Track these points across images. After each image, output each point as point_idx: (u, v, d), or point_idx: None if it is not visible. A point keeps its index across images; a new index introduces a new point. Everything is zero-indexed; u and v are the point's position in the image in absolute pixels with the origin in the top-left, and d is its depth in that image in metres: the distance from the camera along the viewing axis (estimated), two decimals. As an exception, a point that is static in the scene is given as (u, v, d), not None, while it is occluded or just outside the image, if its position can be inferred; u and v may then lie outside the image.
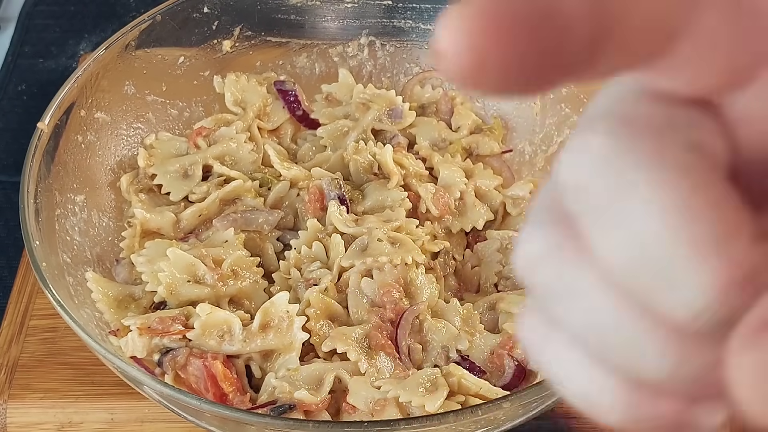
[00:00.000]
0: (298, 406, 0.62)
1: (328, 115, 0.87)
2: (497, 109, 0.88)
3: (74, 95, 0.74)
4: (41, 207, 0.68)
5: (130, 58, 0.80)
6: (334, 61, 0.90)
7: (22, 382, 0.74)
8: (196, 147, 0.81)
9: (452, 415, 0.55)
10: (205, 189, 0.77)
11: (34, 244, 0.64)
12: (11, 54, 1.07)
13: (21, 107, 1.02)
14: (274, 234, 0.76)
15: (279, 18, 0.87)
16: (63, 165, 0.73)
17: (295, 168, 0.80)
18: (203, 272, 0.69)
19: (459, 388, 0.64)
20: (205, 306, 0.66)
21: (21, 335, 0.77)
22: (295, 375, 0.64)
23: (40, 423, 0.72)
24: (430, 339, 0.68)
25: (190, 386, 0.65)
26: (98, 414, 0.72)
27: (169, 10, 0.81)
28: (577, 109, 0.82)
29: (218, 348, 0.65)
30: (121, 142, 0.80)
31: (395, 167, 0.78)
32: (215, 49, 0.86)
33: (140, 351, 0.65)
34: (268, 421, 0.57)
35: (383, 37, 0.89)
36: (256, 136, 0.84)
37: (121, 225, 0.77)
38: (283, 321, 0.67)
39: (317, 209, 0.76)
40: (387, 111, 0.85)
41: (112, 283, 0.71)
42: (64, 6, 1.13)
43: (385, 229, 0.72)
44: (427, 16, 0.87)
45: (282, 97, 0.87)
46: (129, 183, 0.79)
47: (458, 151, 0.84)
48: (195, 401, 0.55)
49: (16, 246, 0.87)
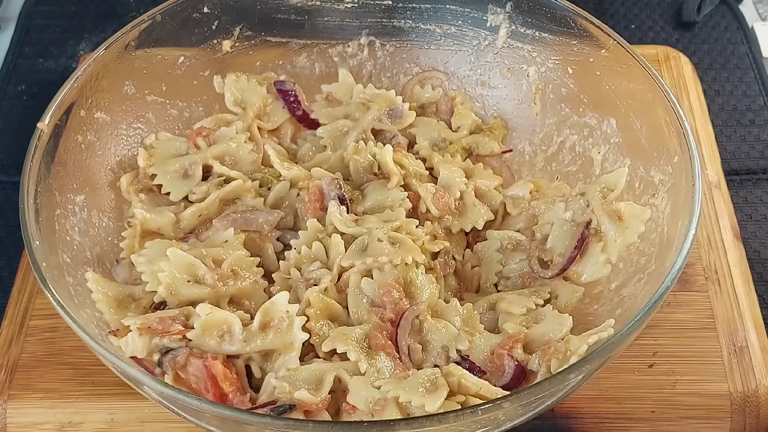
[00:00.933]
0: (298, 406, 0.62)
1: (328, 115, 0.87)
2: (497, 109, 0.88)
3: (74, 95, 0.74)
4: (41, 207, 0.68)
5: (130, 58, 0.80)
6: (334, 61, 0.90)
7: (22, 382, 0.74)
8: (196, 147, 0.81)
9: (452, 415, 0.55)
10: (205, 189, 0.77)
11: (34, 244, 0.64)
12: (11, 54, 1.07)
13: (21, 107, 1.02)
14: (274, 234, 0.76)
15: (279, 18, 0.87)
16: (63, 165, 0.73)
17: (295, 168, 0.80)
18: (203, 272, 0.69)
19: (459, 388, 0.64)
20: (205, 306, 0.66)
21: (21, 335, 0.77)
22: (295, 375, 0.64)
23: (40, 423, 0.72)
24: (430, 339, 0.68)
25: (190, 386, 0.65)
26: (98, 414, 0.72)
27: (169, 10, 0.81)
28: (577, 109, 0.82)
29: (218, 348, 0.65)
30: (121, 142, 0.80)
31: (395, 167, 0.78)
32: (215, 49, 0.86)
33: (140, 351, 0.65)
34: (268, 421, 0.57)
35: (383, 37, 0.89)
36: (256, 136, 0.84)
37: (121, 225, 0.77)
38: (283, 321, 0.67)
39: (317, 209, 0.76)
40: (387, 111, 0.85)
41: (112, 283, 0.71)
42: (64, 6, 1.13)
43: (385, 229, 0.72)
44: (427, 16, 0.87)
45: (282, 97, 0.87)
46: (129, 183, 0.79)
47: (458, 151, 0.84)
48: (195, 401, 0.55)
49: (16, 246, 0.87)
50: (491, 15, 0.85)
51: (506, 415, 0.58)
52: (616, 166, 0.78)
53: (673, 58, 1.01)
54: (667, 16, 1.16)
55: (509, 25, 0.84)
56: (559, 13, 0.80)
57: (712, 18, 1.14)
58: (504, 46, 0.86)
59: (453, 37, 0.88)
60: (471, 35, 0.87)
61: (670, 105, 0.71)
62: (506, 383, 0.66)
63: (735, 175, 0.97)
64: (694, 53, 1.09)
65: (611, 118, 0.79)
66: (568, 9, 0.79)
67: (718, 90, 1.06)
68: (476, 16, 0.86)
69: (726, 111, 1.04)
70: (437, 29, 0.88)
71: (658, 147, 0.73)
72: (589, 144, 0.81)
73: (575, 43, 0.80)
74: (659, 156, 0.73)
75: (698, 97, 0.98)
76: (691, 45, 1.11)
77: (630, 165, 0.76)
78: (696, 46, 1.11)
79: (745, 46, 1.10)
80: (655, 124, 0.73)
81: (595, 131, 0.81)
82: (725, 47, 1.11)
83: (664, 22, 1.15)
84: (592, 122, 0.81)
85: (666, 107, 0.72)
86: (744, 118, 1.03)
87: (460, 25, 0.87)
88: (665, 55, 1.01)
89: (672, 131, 0.71)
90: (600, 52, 0.78)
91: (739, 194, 0.95)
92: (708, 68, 1.08)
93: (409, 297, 0.69)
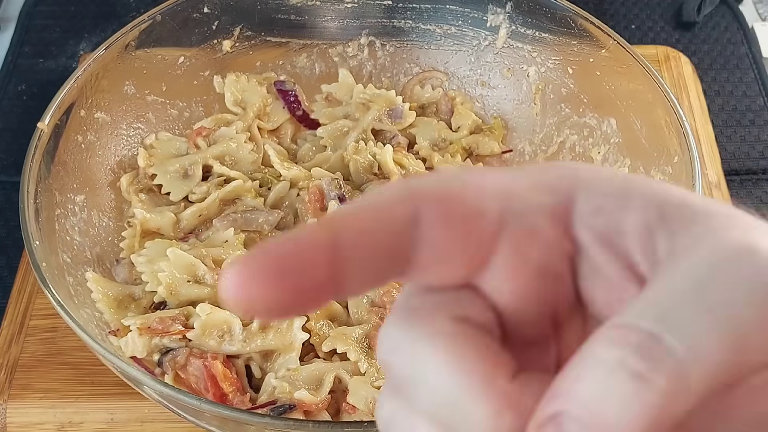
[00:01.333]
0: (298, 406, 0.62)
1: (328, 115, 0.87)
2: (497, 109, 0.88)
3: (74, 95, 0.74)
4: (41, 207, 0.68)
5: (130, 58, 0.80)
6: (334, 61, 0.90)
7: (22, 382, 0.74)
8: (196, 147, 0.81)
9: (452, 415, 0.55)
10: (205, 189, 0.77)
11: (34, 244, 0.64)
12: (11, 54, 1.07)
13: (21, 107, 1.02)
14: (274, 234, 0.76)
15: (279, 18, 0.87)
16: (63, 165, 0.73)
17: (295, 168, 0.80)
18: (203, 272, 0.69)
19: (459, 388, 0.64)
20: (205, 306, 0.66)
21: (21, 335, 0.77)
22: (295, 375, 0.64)
23: (40, 423, 0.72)
24: (430, 339, 0.67)
25: (190, 386, 0.65)
26: (98, 414, 0.72)
27: (169, 10, 0.81)
28: (577, 109, 0.82)
29: (218, 348, 0.65)
30: (121, 142, 0.80)
31: (395, 167, 0.78)
32: (215, 49, 0.86)
33: (140, 351, 0.65)
34: (268, 421, 0.57)
35: (383, 37, 0.89)
36: (256, 136, 0.84)
37: (121, 225, 0.77)
38: (282, 321, 0.67)
39: (317, 209, 0.76)
40: (387, 111, 0.85)
41: (112, 283, 0.71)
42: (64, 6, 1.13)
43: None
44: (427, 16, 0.87)
45: (282, 97, 0.87)
46: (129, 183, 0.79)
47: (458, 151, 0.84)
48: (195, 401, 0.55)
49: (16, 246, 0.87)
50: (491, 15, 0.85)
51: (506, 415, 0.58)
52: (616, 166, 0.78)
53: (673, 58, 1.01)
54: (667, 16, 1.16)
55: (509, 26, 0.84)
56: (559, 13, 0.80)
57: (712, 18, 1.14)
58: (504, 46, 0.86)
59: (453, 37, 0.88)
60: (471, 35, 0.87)
61: (670, 105, 0.71)
62: (506, 383, 0.66)
63: (735, 176, 0.97)
64: (694, 53, 1.09)
65: (611, 119, 0.79)
66: (568, 9, 0.79)
67: (718, 90, 1.06)
68: (476, 16, 0.86)
69: (726, 111, 1.04)
70: (437, 29, 0.88)
71: (658, 147, 0.73)
72: (589, 144, 0.81)
73: (575, 43, 0.80)
74: (659, 156, 0.73)
75: (698, 97, 0.98)
76: (691, 45, 1.11)
77: (630, 165, 0.76)
78: (696, 46, 1.11)
79: (745, 46, 1.10)
80: (655, 124, 0.73)
81: (595, 131, 0.81)
82: (725, 47, 1.11)
83: (664, 22, 1.15)
84: (592, 122, 0.81)
85: (666, 107, 0.72)
86: (744, 118, 1.03)
87: (460, 25, 0.87)
88: (665, 55, 1.01)
89: (672, 131, 0.71)
90: (600, 52, 0.78)
91: (739, 194, 0.95)
92: (708, 68, 1.08)
93: (409, 297, 0.69)
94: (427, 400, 0.23)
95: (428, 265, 0.24)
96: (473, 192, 0.25)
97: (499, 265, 0.25)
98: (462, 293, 0.25)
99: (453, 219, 0.24)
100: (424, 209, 0.24)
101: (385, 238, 0.24)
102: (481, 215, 0.24)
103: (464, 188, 0.25)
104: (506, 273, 0.25)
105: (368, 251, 0.23)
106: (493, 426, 0.22)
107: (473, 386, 0.23)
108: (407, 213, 0.24)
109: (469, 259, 0.24)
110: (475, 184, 0.25)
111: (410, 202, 0.24)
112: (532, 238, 0.25)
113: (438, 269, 0.25)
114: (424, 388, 0.23)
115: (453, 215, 0.24)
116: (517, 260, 0.25)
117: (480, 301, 0.25)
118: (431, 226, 0.24)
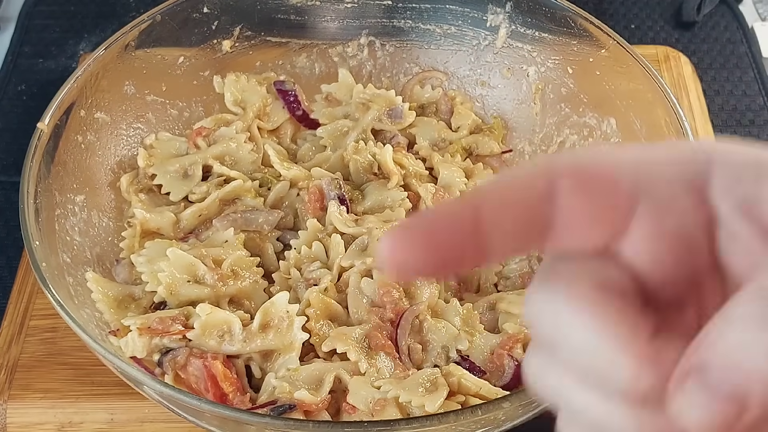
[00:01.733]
0: (298, 406, 0.62)
1: (328, 115, 0.86)
2: (497, 109, 0.88)
3: (74, 95, 0.74)
4: (41, 207, 0.68)
5: (130, 58, 0.80)
6: (334, 61, 0.90)
7: (22, 382, 0.74)
8: (196, 147, 0.81)
9: (452, 415, 0.55)
10: (205, 189, 0.77)
11: (34, 244, 0.64)
12: (11, 54, 1.07)
13: (21, 107, 1.02)
14: (274, 234, 0.76)
15: (279, 18, 0.87)
16: (63, 165, 0.73)
17: (295, 168, 0.80)
18: (203, 272, 0.69)
19: (459, 388, 0.64)
20: (205, 306, 0.66)
21: (21, 335, 0.77)
22: (295, 375, 0.64)
23: (40, 423, 0.72)
24: (430, 339, 0.68)
25: (190, 386, 0.64)
26: (98, 414, 0.72)
27: (169, 10, 0.81)
28: (577, 109, 0.82)
29: (218, 348, 0.65)
30: (121, 142, 0.80)
31: (395, 167, 0.78)
32: (215, 49, 0.86)
33: (140, 351, 0.65)
34: (268, 421, 0.57)
35: (383, 37, 0.89)
36: (256, 136, 0.84)
37: (121, 225, 0.77)
38: (283, 321, 0.67)
39: (317, 209, 0.76)
40: (387, 111, 0.85)
41: (112, 283, 0.71)
42: (64, 6, 1.13)
43: (385, 229, 0.72)
44: (427, 16, 0.87)
45: (282, 97, 0.87)
46: (129, 183, 0.79)
47: (458, 151, 0.84)
48: (195, 401, 0.55)
49: (16, 246, 0.87)
50: (491, 15, 0.85)
51: (506, 415, 0.58)
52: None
53: (673, 58, 1.01)
54: (666, 15, 1.16)
55: (509, 25, 0.84)
56: (559, 13, 0.80)
57: (712, 18, 1.14)
58: (504, 46, 0.86)
59: (453, 37, 0.88)
60: (471, 35, 0.87)
61: (669, 105, 0.71)
62: (506, 383, 0.66)
63: (735, 175, 0.97)
64: (694, 53, 1.09)
65: (611, 118, 0.79)
66: (567, 9, 0.79)
67: (717, 90, 1.06)
68: (476, 16, 0.86)
69: (726, 111, 1.04)
70: (437, 29, 0.88)
71: (658, 147, 0.73)
72: (589, 144, 0.81)
73: (575, 43, 0.80)
74: (659, 156, 0.73)
75: (698, 97, 0.97)
76: (691, 45, 1.11)
77: (630, 165, 0.76)
78: (696, 46, 1.11)
79: (744, 46, 1.10)
80: (655, 123, 0.73)
81: (595, 131, 0.81)
82: (725, 47, 1.11)
83: (663, 22, 1.15)
84: (592, 122, 0.81)
85: (666, 107, 0.72)
86: (744, 118, 1.03)
87: (459, 25, 0.87)
88: (665, 55, 1.01)
89: (672, 131, 0.71)
90: (600, 52, 0.78)
91: (739, 194, 0.95)
92: (708, 68, 1.08)
93: (408, 297, 0.69)
94: (571, 356, 0.26)
95: (568, 232, 0.26)
96: (608, 164, 0.26)
97: (637, 232, 0.26)
98: (602, 259, 0.27)
99: (590, 189, 0.26)
100: (562, 181, 0.26)
101: (524, 208, 0.26)
102: (617, 185, 0.26)
103: (599, 161, 0.27)
104: (644, 240, 0.26)
105: (509, 222, 0.26)
106: (636, 378, 0.24)
107: (615, 345, 0.25)
108: (545, 185, 0.26)
109: (607, 226, 0.26)
110: (609, 158, 0.27)
111: (548, 176, 0.26)
112: (669, 206, 0.26)
113: (578, 235, 0.26)
114: (568, 346, 0.26)
115: (590, 185, 0.26)
116: (655, 228, 0.26)
117: (619, 266, 0.27)
118: (570, 196, 0.26)
